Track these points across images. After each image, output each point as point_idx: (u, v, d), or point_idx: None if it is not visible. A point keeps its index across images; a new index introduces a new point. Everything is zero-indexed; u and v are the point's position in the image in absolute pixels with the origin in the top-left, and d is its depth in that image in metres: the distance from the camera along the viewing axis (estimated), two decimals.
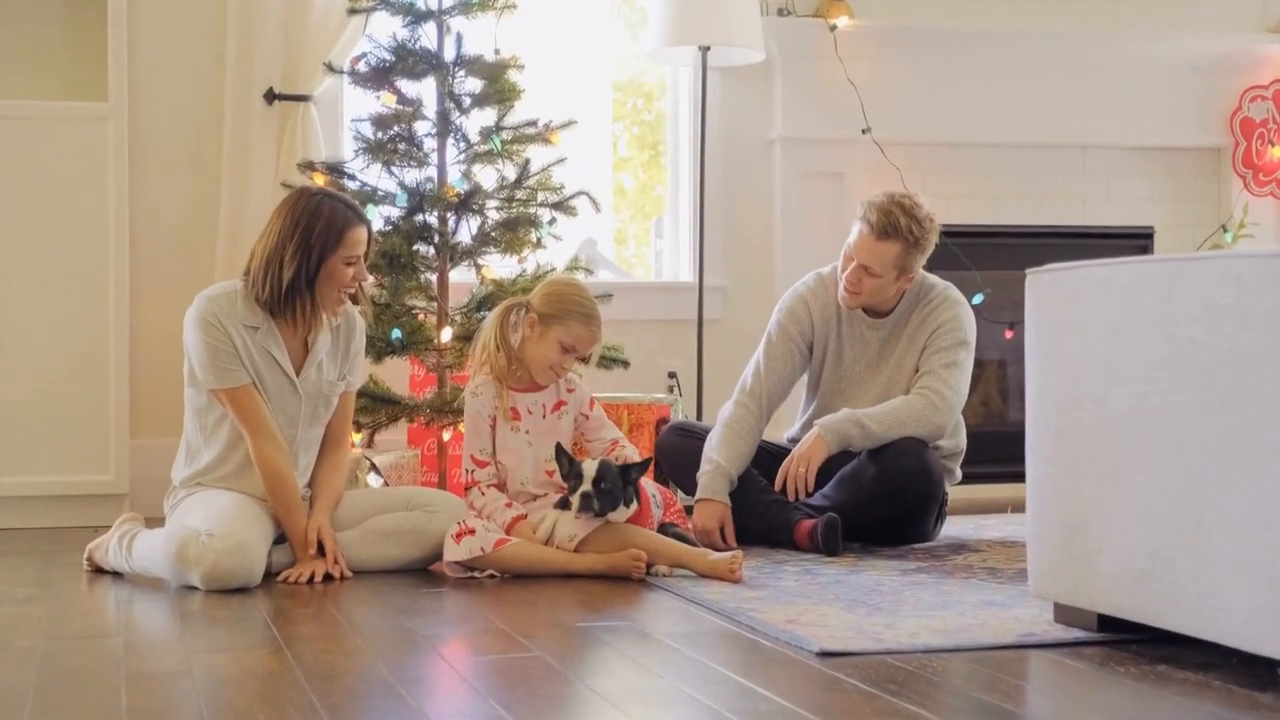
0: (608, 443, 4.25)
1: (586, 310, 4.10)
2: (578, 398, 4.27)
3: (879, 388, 4.64)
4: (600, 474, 3.92)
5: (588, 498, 3.90)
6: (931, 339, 4.57)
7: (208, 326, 3.88)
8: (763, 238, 6.08)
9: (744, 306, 5.98)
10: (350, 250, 3.88)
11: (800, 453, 4.41)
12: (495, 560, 3.95)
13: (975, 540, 4.72)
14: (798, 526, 4.49)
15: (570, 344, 4.09)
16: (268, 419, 3.93)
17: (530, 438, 4.16)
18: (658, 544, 4.03)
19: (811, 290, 4.70)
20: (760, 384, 4.62)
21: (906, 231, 4.45)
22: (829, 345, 4.65)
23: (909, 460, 4.44)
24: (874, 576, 3.95)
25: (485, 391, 4.14)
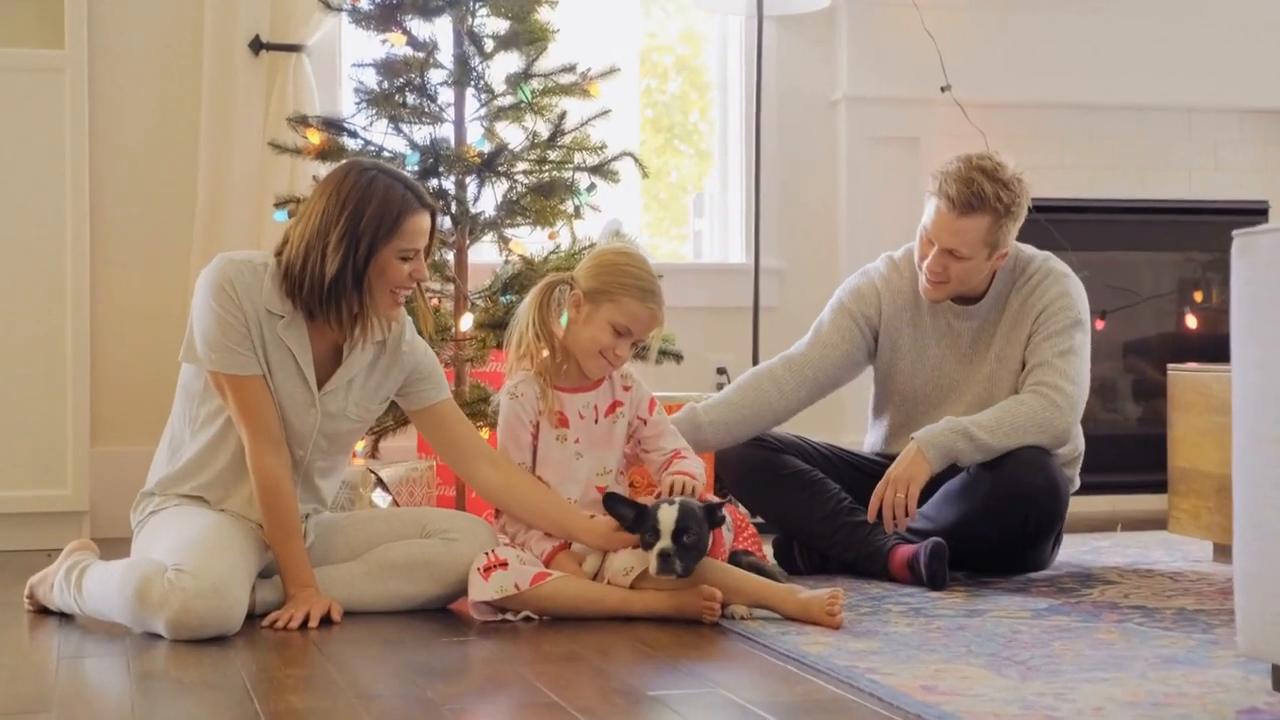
0: (667, 454, 3.61)
1: (643, 283, 3.48)
2: (635, 398, 3.64)
3: (978, 388, 4.04)
4: (682, 523, 3.28)
5: (667, 558, 3.27)
6: (1038, 323, 3.97)
7: (222, 294, 3.29)
8: (825, 213, 5.70)
9: (803, 292, 5.58)
10: (408, 242, 3.30)
11: (897, 474, 3.79)
12: (532, 600, 3.33)
13: (1099, 568, 4.15)
14: (893, 554, 3.88)
15: (625, 325, 3.46)
16: (274, 422, 3.34)
17: (580, 448, 3.55)
18: (733, 578, 3.38)
19: (881, 274, 4.13)
20: (800, 350, 4.06)
21: (994, 200, 3.85)
22: (902, 340, 4.08)
23: (1031, 475, 3.81)
24: (1002, 620, 3.34)
25: (526, 392, 3.53)
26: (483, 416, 4.23)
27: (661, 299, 3.50)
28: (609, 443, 3.58)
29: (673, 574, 3.26)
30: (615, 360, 3.51)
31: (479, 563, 3.36)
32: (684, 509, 3.29)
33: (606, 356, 3.50)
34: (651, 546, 3.28)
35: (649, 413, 3.64)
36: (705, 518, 3.32)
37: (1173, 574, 4.00)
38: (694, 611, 3.30)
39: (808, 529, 3.99)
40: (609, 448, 3.58)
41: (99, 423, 4.89)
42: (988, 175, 3.86)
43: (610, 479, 3.58)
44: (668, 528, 3.26)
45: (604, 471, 3.57)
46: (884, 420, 4.21)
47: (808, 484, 4.01)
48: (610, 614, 3.35)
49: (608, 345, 3.48)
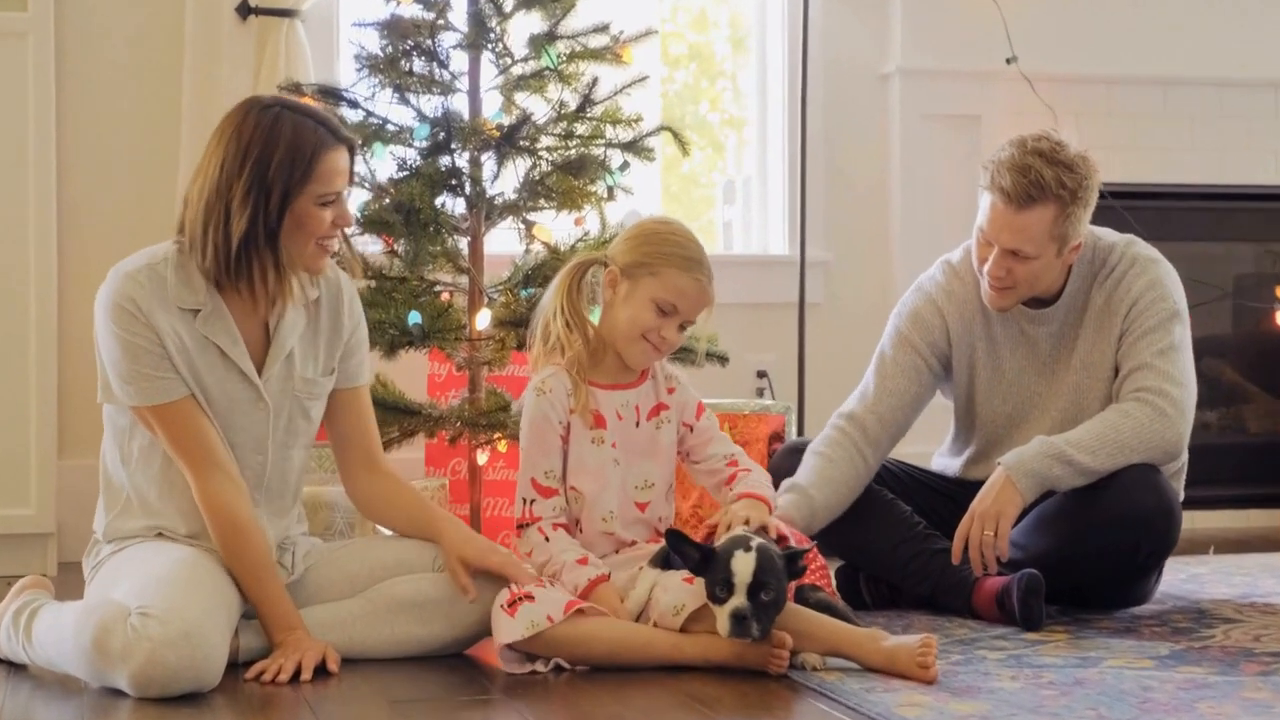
0: (722, 464, 3.22)
1: (689, 251, 3.10)
2: (681, 402, 3.24)
3: (1063, 402, 3.61)
4: (761, 575, 2.84)
5: (742, 620, 2.83)
6: (1130, 320, 3.54)
7: (122, 316, 2.92)
8: (875, 199, 5.40)
9: (851, 286, 5.34)
10: (326, 185, 2.95)
11: (984, 508, 3.37)
12: (567, 640, 2.91)
13: (1208, 601, 3.72)
14: (979, 587, 3.45)
15: (670, 301, 3.07)
16: (216, 446, 2.97)
17: (618, 454, 3.14)
18: (804, 621, 2.94)
19: (941, 286, 3.69)
20: (867, 407, 3.62)
21: (1056, 187, 3.43)
22: (976, 356, 3.66)
23: (1143, 495, 3.38)
24: (1124, 672, 2.90)
25: (556, 387, 3.12)
26: (501, 427, 3.85)
27: (710, 272, 3.11)
28: (652, 451, 3.19)
29: (748, 638, 2.84)
30: (661, 344, 3.12)
31: (502, 599, 2.96)
32: (763, 559, 2.85)
33: (651, 340, 3.10)
34: (722, 602, 2.84)
35: (696, 417, 3.24)
36: (785, 569, 2.89)
37: None
38: (757, 661, 2.87)
39: (877, 558, 3.58)
40: (652, 457, 3.18)
41: (68, 434, 4.61)
42: (1046, 159, 3.44)
43: (656, 495, 3.19)
44: (743, 581, 2.82)
45: (645, 485, 3.17)
46: (961, 446, 3.81)
47: (877, 506, 3.60)
48: (658, 662, 2.92)
49: (651, 326, 3.09)
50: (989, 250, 3.49)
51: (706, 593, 2.87)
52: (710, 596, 2.86)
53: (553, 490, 3.12)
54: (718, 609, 2.84)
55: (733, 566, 2.82)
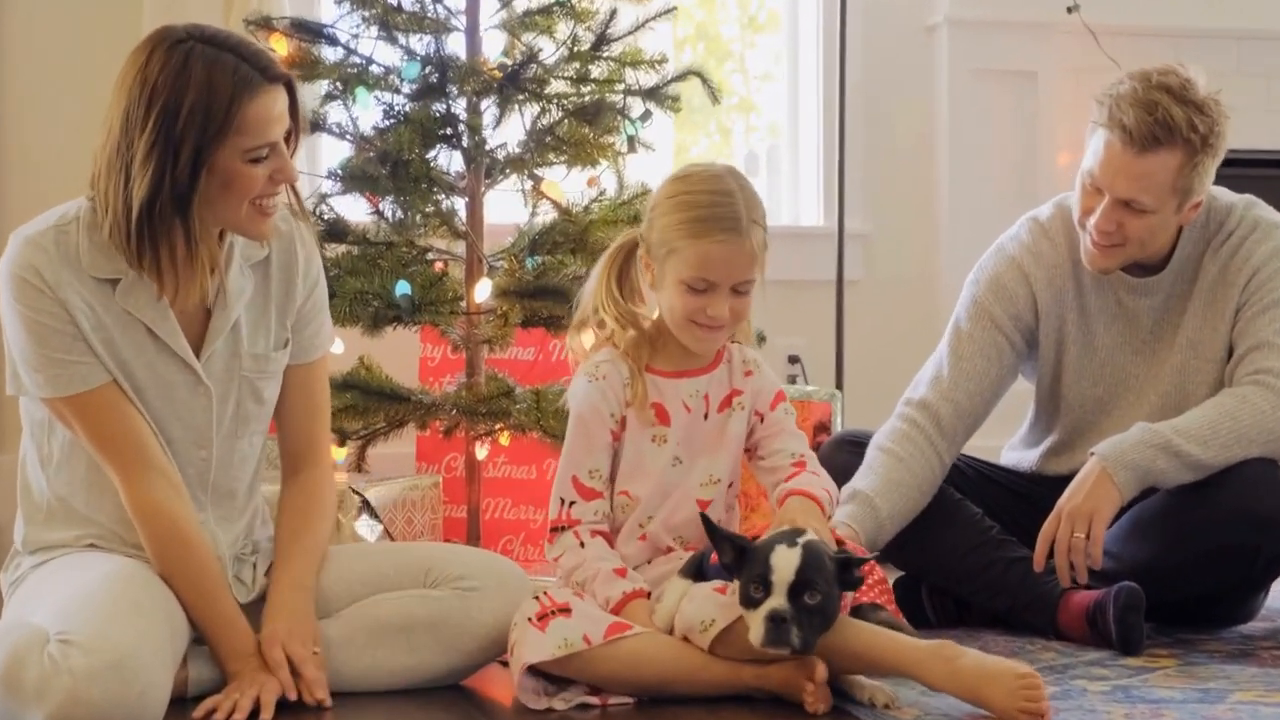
0: (786, 463, 2.79)
1: (704, 211, 2.65)
2: (757, 387, 2.82)
3: (1165, 386, 3.21)
4: (806, 573, 2.43)
5: (780, 624, 2.42)
6: (1250, 293, 3.15)
7: (25, 290, 2.53)
8: (920, 165, 5.19)
9: (894, 261, 5.15)
10: (255, 136, 2.52)
11: (1075, 505, 2.97)
12: (605, 665, 2.52)
13: None
14: (1065, 601, 3.04)
15: (697, 277, 2.65)
16: (146, 441, 2.58)
17: (681, 451, 2.74)
18: (858, 637, 2.52)
19: (1027, 248, 3.28)
20: (942, 393, 3.22)
21: (1186, 129, 3.03)
22: (1066, 330, 3.26)
23: (1264, 496, 2.96)
24: (1258, 708, 2.49)
25: (611, 375, 2.74)
26: (503, 416, 3.47)
27: (741, 221, 2.63)
28: (720, 444, 2.77)
29: (786, 648, 2.42)
30: (712, 324, 2.68)
31: (529, 610, 2.56)
32: (809, 554, 2.42)
33: (699, 323, 2.68)
34: (757, 604, 2.42)
35: (770, 407, 2.81)
36: (837, 572, 2.46)
37: None
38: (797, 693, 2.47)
39: (943, 567, 3.17)
40: (720, 450, 2.77)
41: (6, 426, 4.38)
42: (1175, 96, 3.04)
43: (719, 491, 2.77)
44: (784, 579, 2.40)
45: (711, 481, 2.75)
46: (1041, 435, 3.39)
47: (943, 507, 3.18)
48: (709, 690, 2.52)
49: (693, 309, 2.67)
50: (1097, 200, 3.07)
51: (740, 594, 2.46)
52: (744, 599, 2.45)
53: (596, 493, 2.73)
54: (751, 613, 2.43)
55: (772, 561, 2.41)
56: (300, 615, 2.56)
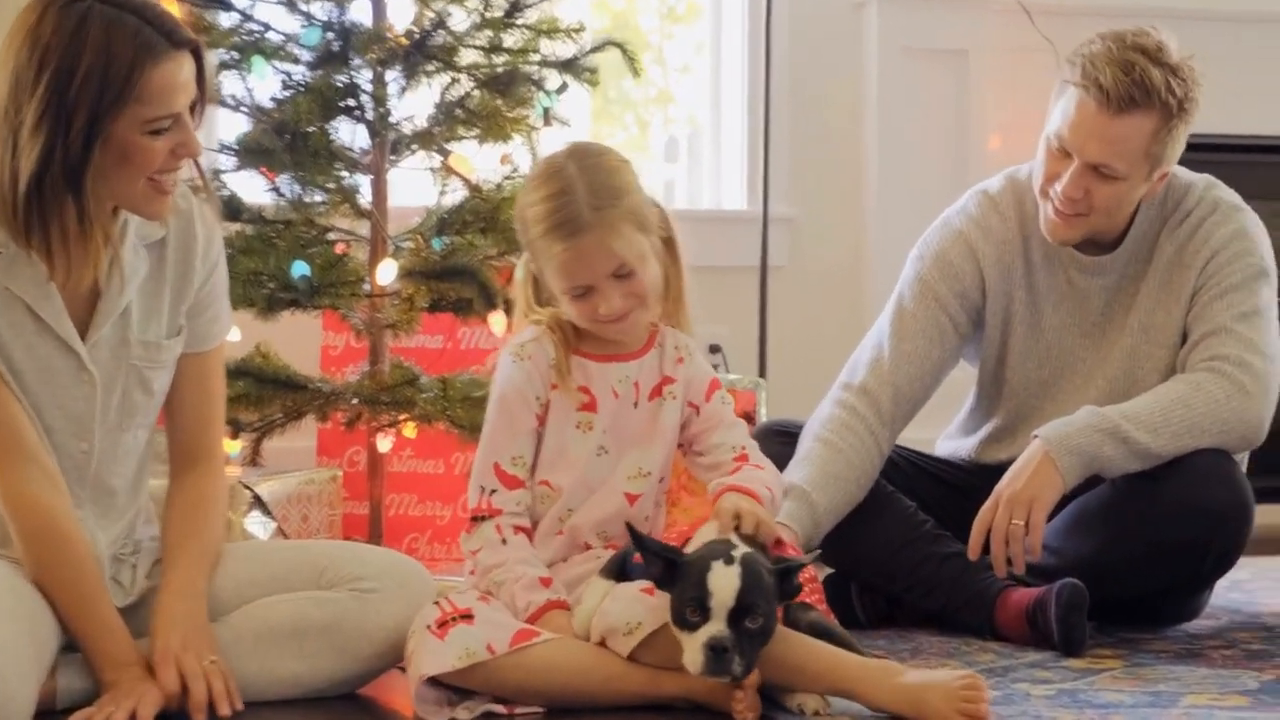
0: (728, 458, 2.63)
1: (548, 218, 2.51)
2: (689, 376, 2.67)
3: (1113, 370, 3.08)
4: (747, 597, 2.26)
5: (721, 654, 2.25)
6: (1207, 276, 3.03)
7: None
8: (848, 147, 5.03)
9: (820, 246, 4.98)
10: (157, 106, 2.33)
11: (1014, 491, 2.84)
12: (513, 671, 2.35)
13: (1272, 616, 3.21)
14: (1003, 599, 2.91)
15: (566, 285, 2.53)
16: (21, 429, 2.39)
17: (607, 441, 2.58)
18: (798, 651, 2.35)
19: (976, 221, 3.14)
20: (882, 377, 3.08)
21: (1164, 91, 2.92)
22: (1014, 309, 3.13)
23: (1214, 489, 2.85)
24: (1213, 712, 2.34)
25: (537, 355, 2.58)
26: (408, 406, 3.29)
27: (589, 217, 2.47)
28: (650, 434, 2.61)
29: (727, 677, 2.26)
30: (610, 318, 2.53)
31: (429, 617, 2.38)
32: (748, 575, 2.26)
33: (601, 320, 2.54)
34: (693, 628, 2.25)
35: (706, 397, 2.65)
36: (776, 587, 2.30)
37: None
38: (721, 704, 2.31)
39: (874, 563, 3.03)
40: (651, 442, 2.61)
41: None
42: (1152, 58, 2.92)
43: (649, 486, 2.60)
44: (723, 604, 2.23)
45: (639, 474, 2.59)
46: (980, 421, 3.25)
47: (874, 501, 3.04)
48: (627, 699, 2.37)
49: (586, 313, 2.54)
50: (1064, 164, 2.94)
51: (672, 614, 2.28)
52: (677, 619, 2.27)
53: (519, 481, 2.56)
54: (686, 636, 2.25)
55: (709, 584, 2.23)
56: (193, 624, 2.36)
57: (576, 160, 2.50)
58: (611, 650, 2.33)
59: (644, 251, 2.48)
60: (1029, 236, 3.08)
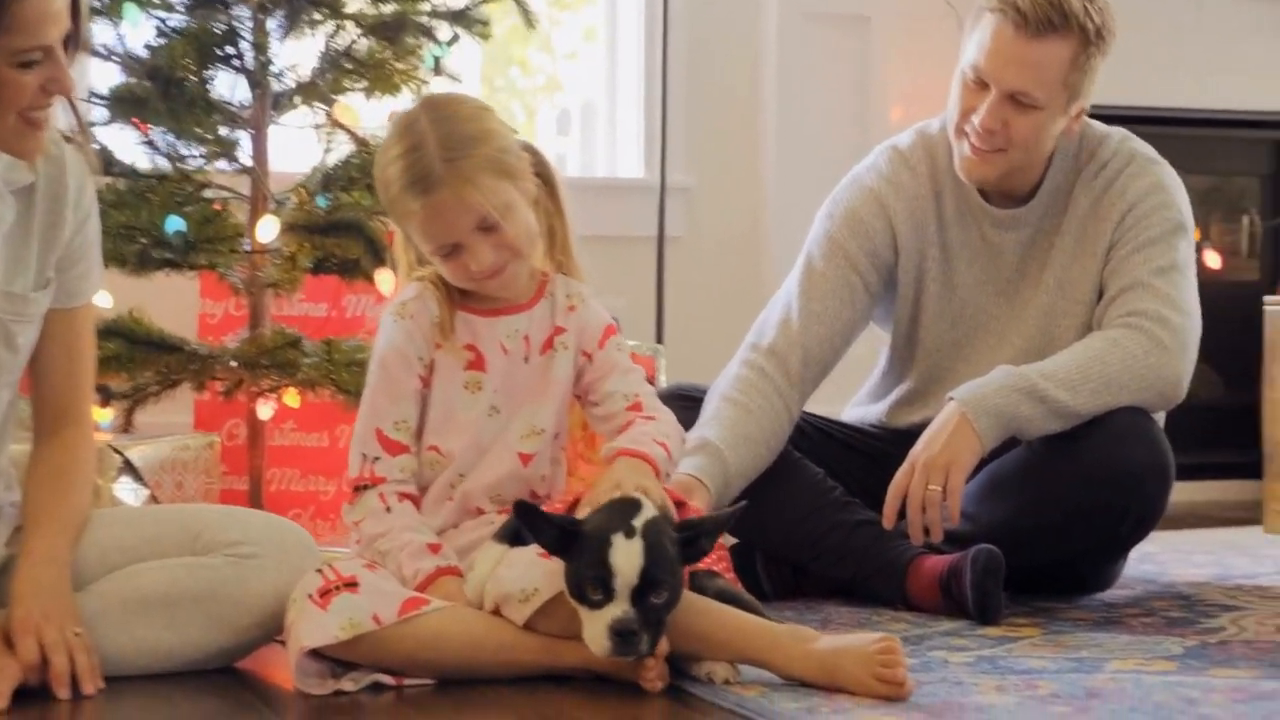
0: (621, 408, 2.50)
1: (405, 176, 2.36)
2: (581, 323, 2.53)
3: (1030, 329, 2.99)
4: (652, 572, 2.12)
5: (628, 636, 2.12)
6: (1124, 229, 2.93)
7: None
8: (748, 114, 4.95)
9: (718, 216, 4.90)
10: (27, 37, 2.17)
11: (930, 456, 2.72)
12: (401, 642, 2.21)
13: (1186, 585, 3.12)
14: (915, 568, 2.80)
15: (435, 245, 2.40)
16: None
17: (499, 400, 2.45)
18: (704, 618, 2.22)
19: (886, 178, 3.03)
20: (791, 338, 2.95)
21: (1082, 15, 2.85)
22: (927, 267, 3.02)
23: (1135, 450, 2.75)
24: (1140, 677, 2.24)
25: (419, 313, 2.45)
26: (289, 370, 3.13)
27: (442, 171, 2.32)
28: (543, 390, 2.48)
29: (633, 656, 2.13)
30: (483, 274, 2.39)
31: (310, 585, 2.22)
32: (652, 547, 2.12)
33: (476, 278, 2.41)
34: (596, 606, 2.12)
35: (599, 345, 2.51)
36: (680, 550, 2.17)
37: None
38: (632, 674, 2.17)
39: (780, 532, 2.90)
40: (543, 397, 2.47)
41: None
42: None
43: (543, 445, 2.47)
44: (627, 582, 2.10)
45: (532, 432, 2.46)
46: (892, 384, 3.14)
47: (780, 467, 2.91)
48: (527, 670, 2.22)
49: (458, 271, 2.41)
50: (980, 97, 2.84)
51: (570, 587, 2.15)
52: (576, 595, 2.14)
53: (403, 447, 2.42)
54: (588, 614, 2.12)
55: (611, 560, 2.09)
56: (56, 593, 2.19)
57: (429, 112, 2.37)
58: (506, 619, 2.20)
59: (510, 200, 2.34)
60: (941, 192, 2.98)
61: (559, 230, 2.50)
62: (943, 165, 2.97)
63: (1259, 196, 5.21)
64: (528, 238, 2.39)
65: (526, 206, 2.39)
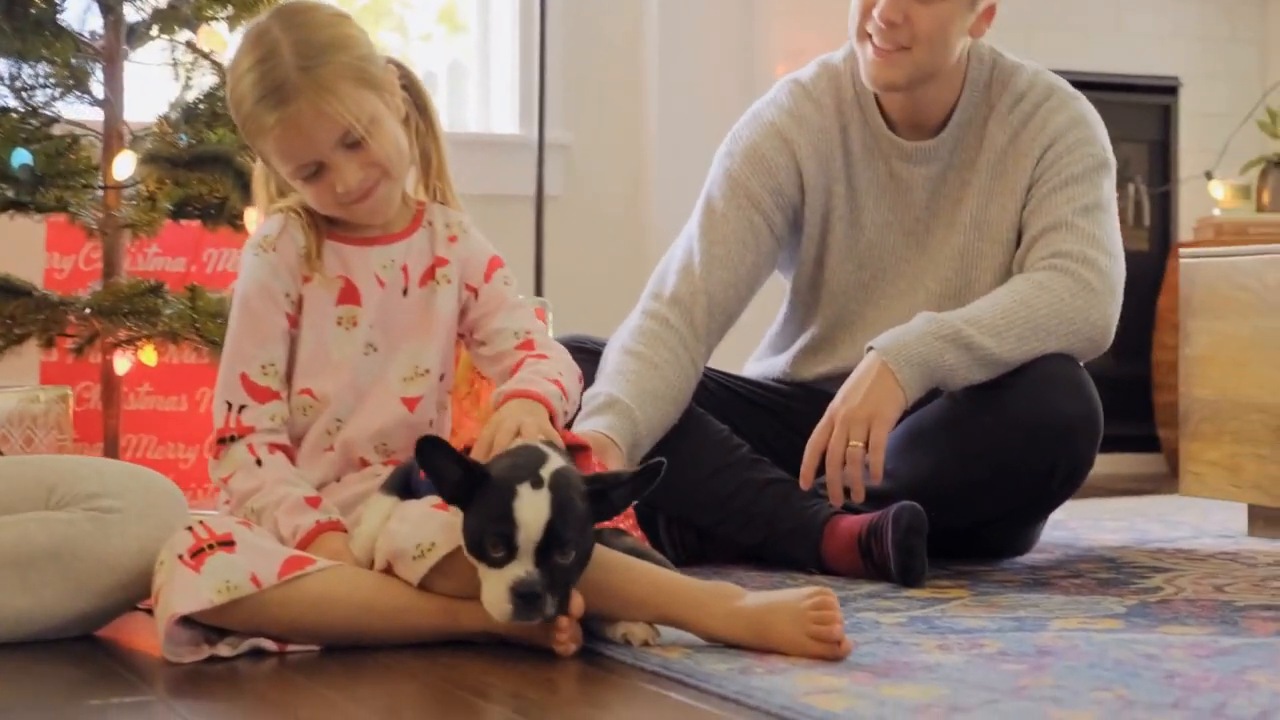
0: (510, 346, 2.30)
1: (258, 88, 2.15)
2: (464, 254, 2.33)
3: (946, 270, 2.83)
4: (557, 529, 1.92)
5: (532, 599, 1.92)
6: (1045, 166, 2.78)
7: None
8: (629, 69, 4.82)
9: (599, 175, 4.76)
10: None
11: (850, 409, 2.52)
12: (284, 606, 2.00)
13: (1107, 549, 2.98)
14: (830, 528, 2.63)
15: (294, 167, 2.18)
16: None
17: (376, 337, 2.26)
18: (618, 576, 2.03)
19: (788, 111, 2.85)
20: (694, 286, 2.77)
21: None
22: (833, 205, 2.84)
23: (1065, 400, 2.59)
24: (1090, 634, 2.09)
25: (285, 245, 2.24)
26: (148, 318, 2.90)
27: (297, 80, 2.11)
28: (424, 326, 2.28)
29: (538, 619, 1.93)
30: (351, 197, 2.17)
31: (181, 544, 2.00)
32: (560, 500, 1.92)
33: (342, 201, 2.18)
34: (497, 564, 1.92)
35: (484, 279, 2.32)
36: (590, 506, 1.97)
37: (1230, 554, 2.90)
38: (542, 638, 1.98)
39: (683, 493, 2.69)
40: (425, 334, 2.28)
41: None
42: None
43: (429, 387, 2.27)
44: (531, 537, 1.91)
45: (416, 374, 2.26)
46: (795, 332, 2.96)
47: (683, 424, 2.73)
48: (418, 635, 2.03)
49: (323, 195, 2.19)
50: None
51: (469, 543, 1.94)
52: (475, 549, 1.93)
53: (272, 393, 2.20)
54: (487, 572, 1.92)
55: (516, 513, 1.90)
56: None
57: (281, 20, 2.15)
58: (399, 577, 2.01)
59: (375, 113, 2.14)
60: (847, 125, 2.82)
61: (434, 155, 2.30)
62: (848, 97, 2.81)
63: (1145, 164, 5.15)
64: (398, 156, 2.18)
65: (395, 122, 2.18)
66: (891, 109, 2.79)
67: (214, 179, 2.81)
